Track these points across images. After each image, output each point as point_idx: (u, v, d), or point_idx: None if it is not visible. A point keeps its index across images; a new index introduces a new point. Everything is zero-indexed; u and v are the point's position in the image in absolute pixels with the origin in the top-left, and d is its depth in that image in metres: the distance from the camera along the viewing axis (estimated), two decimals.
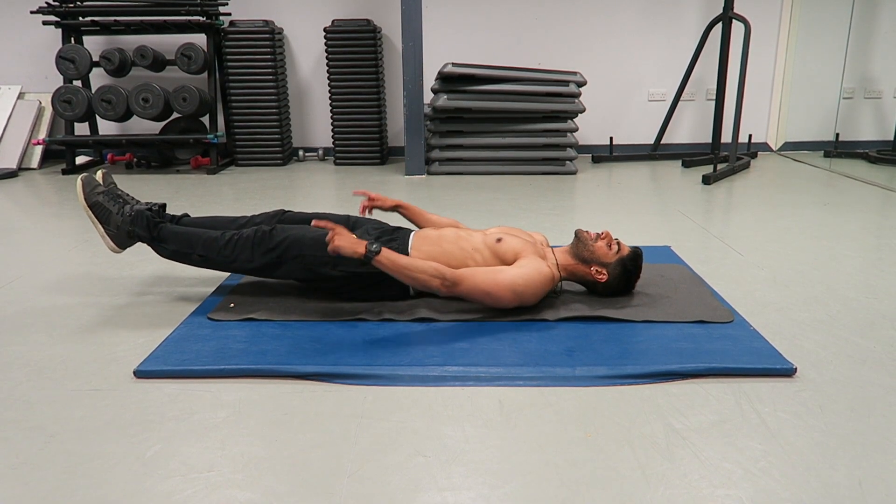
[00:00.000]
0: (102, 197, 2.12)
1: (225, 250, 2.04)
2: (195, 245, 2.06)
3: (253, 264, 2.03)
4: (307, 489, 1.24)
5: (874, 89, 5.29)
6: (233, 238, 2.04)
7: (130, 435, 1.42)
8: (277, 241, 2.01)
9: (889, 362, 1.73)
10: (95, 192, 2.11)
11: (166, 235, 2.08)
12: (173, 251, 2.08)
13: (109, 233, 2.11)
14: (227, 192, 4.06)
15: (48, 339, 1.92)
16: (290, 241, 2.01)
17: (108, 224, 2.10)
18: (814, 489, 1.23)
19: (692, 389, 1.60)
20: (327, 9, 5.10)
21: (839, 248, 2.74)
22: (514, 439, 1.40)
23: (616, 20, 5.13)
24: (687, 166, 4.83)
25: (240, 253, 2.02)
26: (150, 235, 2.08)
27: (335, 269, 2.01)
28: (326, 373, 1.66)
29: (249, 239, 2.03)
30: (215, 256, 2.05)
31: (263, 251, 2.01)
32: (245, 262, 2.03)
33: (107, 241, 2.11)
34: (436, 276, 1.87)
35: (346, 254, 1.80)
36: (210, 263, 2.08)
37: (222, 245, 2.04)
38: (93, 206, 2.10)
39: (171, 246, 2.08)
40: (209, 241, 2.05)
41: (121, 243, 2.13)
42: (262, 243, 2.01)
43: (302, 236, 2.01)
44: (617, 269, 2.06)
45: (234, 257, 2.03)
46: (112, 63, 4.70)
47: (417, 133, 4.52)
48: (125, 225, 2.09)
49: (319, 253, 1.99)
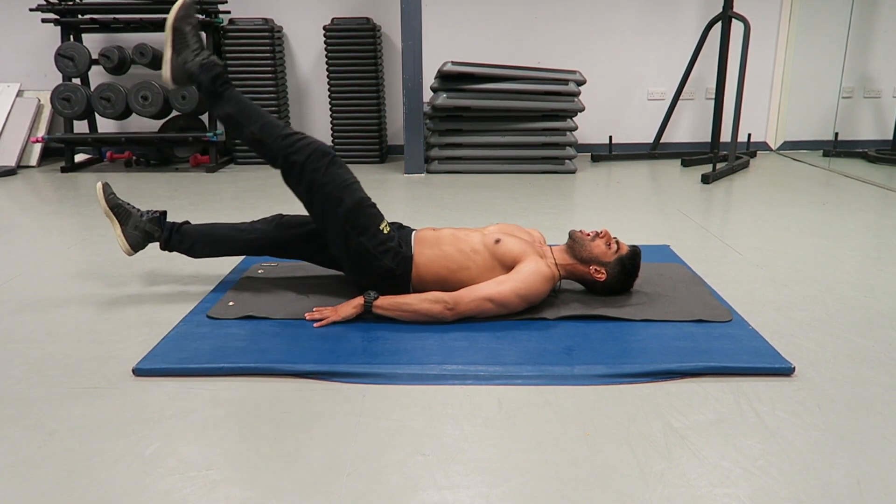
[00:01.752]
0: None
1: (283, 142, 1.98)
2: (254, 120, 2.01)
3: (298, 172, 1.98)
4: (306, 487, 1.25)
5: (873, 88, 5.29)
6: (294, 135, 2.00)
7: (129, 433, 1.42)
8: (332, 169, 1.98)
9: (887, 361, 1.74)
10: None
11: (228, 96, 2.03)
12: (228, 115, 2.02)
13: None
14: (226, 191, 4.05)
15: (47, 336, 1.92)
16: (340, 181, 1.98)
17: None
18: (812, 488, 1.23)
19: (691, 388, 1.60)
20: (327, 7, 5.10)
21: (838, 248, 2.74)
22: (513, 438, 1.40)
23: (615, 19, 5.13)
24: (686, 165, 4.83)
25: (292, 153, 1.98)
26: (213, 88, 2.02)
27: (357, 237, 1.97)
28: (325, 371, 1.66)
29: (309, 148, 1.98)
30: (271, 142, 1.99)
31: (314, 168, 1.97)
32: (292, 165, 1.98)
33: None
34: (437, 302, 1.90)
35: (351, 315, 1.93)
36: (261, 146, 2.01)
37: (282, 135, 1.99)
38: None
39: (228, 108, 2.02)
40: (270, 125, 2.01)
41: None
42: (318, 160, 1.98)
43: (353, 188, 2.00)
44: (616, 268, 2.06)
45: (285, 152, 1.98)
46: (111, 61, 4.69)
47: (417, 132, 4.52)
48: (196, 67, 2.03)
49: (356, 212, 1.97)
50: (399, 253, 2.01)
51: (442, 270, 2.01)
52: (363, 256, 1.99)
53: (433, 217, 3.32)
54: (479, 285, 1.96)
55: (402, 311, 1.92)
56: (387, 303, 1.93)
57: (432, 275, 2.02)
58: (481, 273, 2.00)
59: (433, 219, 3.28)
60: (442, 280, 2.01)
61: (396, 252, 2.01)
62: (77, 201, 3.75)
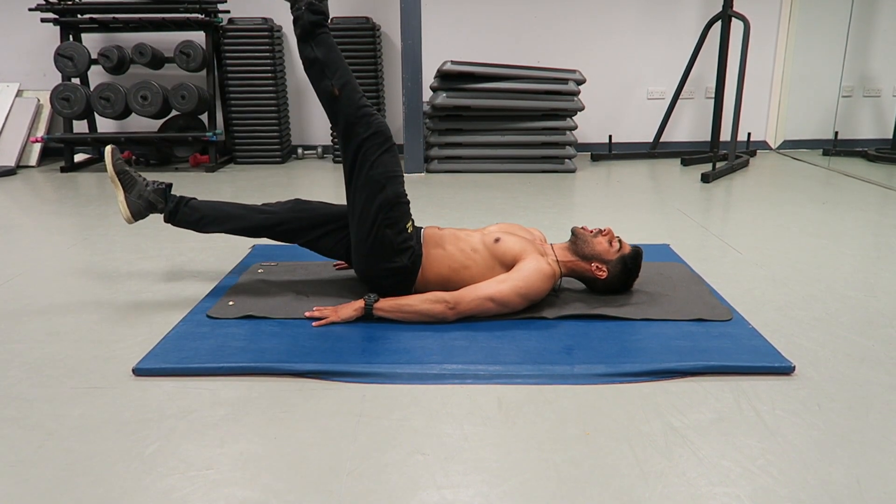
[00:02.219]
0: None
1: (357, 111, 1.99)
2: (339, 77, 1.98)
3: (358, 143, 1.99)
4: (306, 487, 1.25)
5: (873, 88, 5.29)
6: (367, 108, 2.01)
7: (129, 433, 1.42)
8: (385, 156, 2.01)
9: (887, 360, 1.74)
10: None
11: (323, 41, 2.00)
12: (315, 59, 1.99)
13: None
14: (225, 190, 4.05)
15: (47, 336, 1.92)
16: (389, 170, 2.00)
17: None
18: (812, 487, 1.23)
19: (691, 387, 1.60)
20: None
21: (838, 247, 2.74)
22: (513, 437, 1.40)
23: (615, 18, 5.13)
24: (686, 164, 4.83)
25: (360, 125, 1.98)
26: (311, 27, 1.98)
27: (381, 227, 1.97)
28: (325, 371, 1.66)
29: (377, 125, 2.00)
30: (345, 105, 1.99)
31: (373, 145, 1.99)
32: (357, 135, 1.99)
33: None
34: (438, 302, 1.91)
35: (351, 317, 1.93)
36: (335, 104, 2.00)
37: (357, 105, 1.99)
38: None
39: (318, 53, 1.99)
40: (351, 87, 2.00)
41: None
42: (381, 141, 2.00)
43: (399, 182, 2.03)
44: (617, 266, 2.06)
45: (354, 123, 1.98)
46: (111, 60, 4.69)
47: (416, 131, 4.52)
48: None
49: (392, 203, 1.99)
50: (414, 251, 2.02)
51: (444, 270, 2.02)
52: (383, 248, 1.99)
53: (433, 216, 3.32)
54: (479, 284, 1.96)
55: (403, 312, 1.92)
56: (387, 305, 1.93)
57: (435, 274, 2.02)
58: (482, 272, 2.00)
59: (433, 218, 3.28)
60: (444, 279, 2.02)
61: (413, 251, 2.02)
62: (77, 201, 3.75)
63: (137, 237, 2.95)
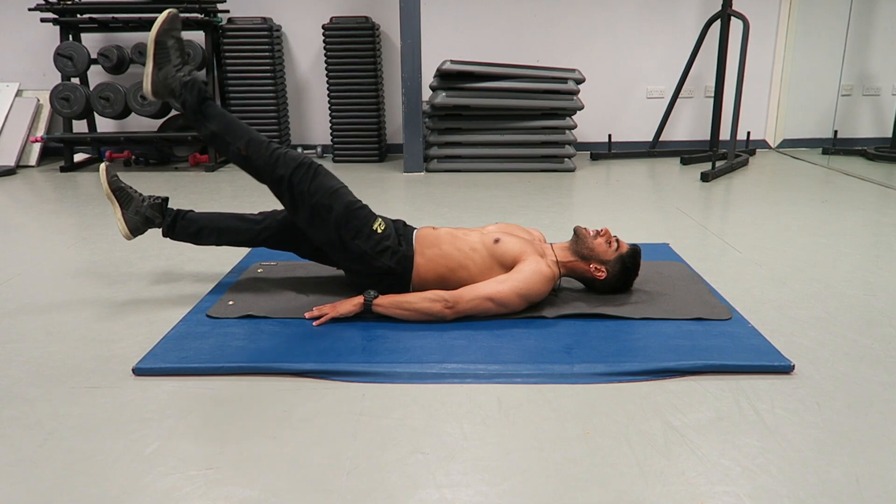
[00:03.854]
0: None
1: (270, 158, 1.99)
2: (239, 137, 2.00)
3: (287, 186, 1.99)
4: (306, 486, 1.25)
5: (872, 86, 5.29)
6: (279, 150, 2.01)
7: (129, 432, 1.42)
8: (317, 179, 1.99)
9: (886, 359, 1.74)
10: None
11: (213, 113, 2.01)
12: (213, 133, 2.01)
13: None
14: (225, 190, 4.05)
15: (47, 336, 1.92)
16: (327, 188, 1.99)
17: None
18: (811, 485, 1.24)
19: (690, 387, 1.60)
20: (326, 6, 5.09)
21: (837, 246, 2.74)
22: (513, 436, 1.40)
23: (615, 17, 5.13)
24: (685, 163, 4.83)
25: (278, 168, 1.98)
26: (197, 107, 2.00)
27: (351, 240, 1.98)
28: (325, 370, 1.66)
29: (294, 162, 1.99)
30: (256, 158, 1.99)
31: (300, 179, 1.98)
32: (280, 180, 1.99)
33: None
34: (437, 300, 1.91)
35: (350, 312, 1.94)
36: (246, 161, 2.01)
37: (268, 153, 1.99)
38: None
39: (213, 126, 2.01)
40: (256, 141, 2.01)
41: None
42: (304, 173, 1.99)
43: (341, 193, 2.01)
44: (616, 266, 2.06)
45: (272, 168, 1.98)
46: (110, 60, 4.69)
47: (416, 130, 4.52)
48: (177, 85, 2.01)
49: (347, 216, 1.98)
50: (398, 251, 2.01)
51: (441, 269, 2.01)
52: (362, 258, 2.00)
53: (433, 216, 3.32)
54: (479, 284, 1.96)
55: (402, 309, 1.92)
56: (387, 301, 1.94)
57: (432, 274, 2.02)
58: (480, 272, 2.00)
59: (433, 218, 3.28)
60: (442, 279, 2.01)
61: (395, 251, 2.01)
62: (76, 201, 3.75)
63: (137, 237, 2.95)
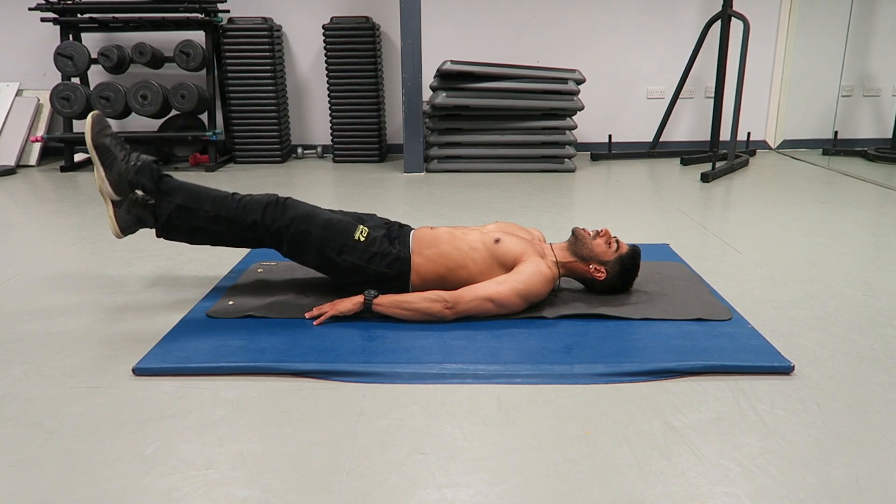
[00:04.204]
0: (110, 140, 2.05)
1: (238, 208, 2.01)
2: (203, 200, 2.01)
3: (263, 229, 2.00)
4: (306, 486, 1.25)
5: (873, 87, 5.29)
6: (244, 199, 2.03)
7: (129, 432, 1.42)
8: (289, 211, 2.01)
9: (886, 360, 1.74)
10: (104, 132, 2.05)
11: (173, 188, 2.03)
12: (179, 206, 2.01)
13: (110, 178, 2.04)
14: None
15: (46, 336, 1.92)
16: (300, 214, 2.00)
17: (111, 169, 2.04)
18: (811, 486, 1.24)
19: (690, 387, 1.60)
20: (326, 6, 5.09)
21: (837, 246, 2.74)
22: (513, 437, 1.40)
23: (615, 18, 5.13)
24: (686, 164, 4.83)
25: (249, 214, 2.00)
26: (155, 188, 2.02)
27: (339, 257, 2.00)
28: (325, 370, 1.66)
29: (262, 203, 2.01)
30: (226, 214, 2.01)
31: (273, 217, 2.00)
32: (254, 225, 2.00)
33: (105, 185, 2.04)
34: (436, 301, 1.91)
35: (349, 310, 1.94)
36: (219, 221, 2.02)
37: (234, 204, 2.01)
38: (98, 146, 2.03)
39: (177, 199, 2.01)
40: (220, 198, 2.02)
41: (119, 190, 2.05)
42: (273, 209, 2.00)
43: (315, 214, 2.02)
44: (616, 267, 2.06)
45: (243, 217, 2.00)
46: (110, 60, 4.69)
47: (416, 131, 4.52)
48: (127, 174, 2.02)
49: (327, 235, 1.99)
50: (389, 254, 2.01)
51: (440, 269, 2.01)
52: (354, 271, 2.01)
53: (433, 216, 3.32)
54: (479, 285, 1.96)
55: (401, 309, 1.92)
56: (387, 301, 1.94)
57: (432, 273, 2.02)
58: (480, 271, 2.00)
59: (433, 218, 3.28)
60: (441, 278, 2.01)
61: (385, 254, 2.01)
62: (76, 201, 3.75)
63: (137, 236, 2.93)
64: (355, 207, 3.42)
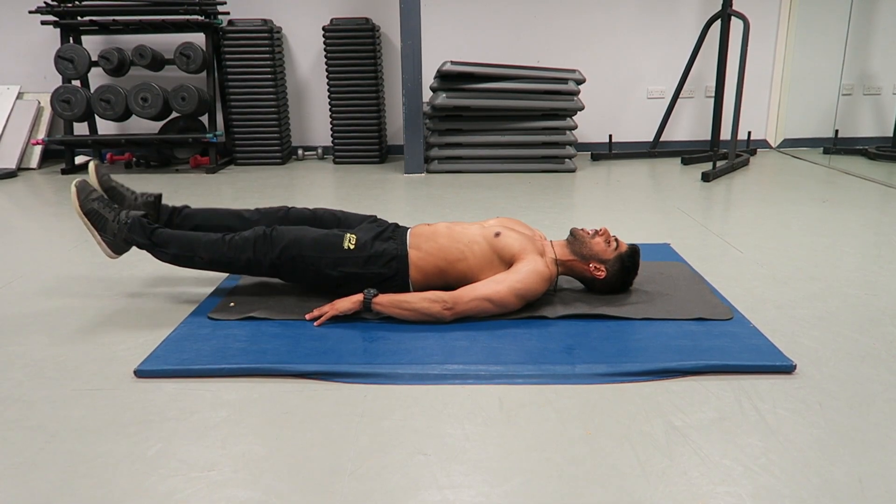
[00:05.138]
0: (98, 203, 2.08)
1: (230, 249, 2.04)
2: (197, 248, 2.05)
3: (257, 264, 2.04)
4: (308, 488, 1.25)
5: (873, 86, 5.28)
6: (234, 239, 2.05)
7: (131, 434, 1.42)
8: (277, 241, 2.02)
9: (888, 359, 1.74)
10: (90, 198, 2.07)
11: (166, 240, 2.07)
12: (174, 255, 2.06)
13: (106, 240, 2.08)
14: (226, 191, 4.06)
15: (48, 338, 1.92)
16: (288, 242, 2.02)
17: (105, 231, 2.08)
18: (814, 486, 1.23)
19: (692, 387, 1.60)
20: (326, 7, 5.10)
21: (838, 245, 2.74)
22: (514, 437, 1.40)
23: (615, 17, 5.13)
24: (686, 164, 4.83)
25: (241, 253, 2.03)
26: (149, 242, 2.06)
27: (335, 270, 2.01)
28: (326, 371, 1.66)
29: (250, 240, 2.03)
30: (219, 258, 2.04)
31: (264, 252, 2.02)
32: (248, 262, 2.04)
33: (104, 247, 2.09)
34: (435, 301, 1.91)
35: (349, 310, 1.95)
36: (215, 265, 2.07)
37: (226, 245, 2.04)
38: (88, 213, 2.06)
39: (171, 250, 2.06)
40: (211, 243, 2.05)
41: (117, 249, 2.10)
42: (262, 244, 2.02)
43: (301, 237, 2.03)
44: (615, 265, 2.06)
45: (236, 257, 2.03)
46: (111, 62, 4.69)
47: (416, 131, 4.52)
48: (121, 233, 2.07)
49: (318, 253, 2.01)
50: (385, 254, 2.02)
51: (440, 262, 2.01)
52: (353, 279, 2.02)
53: (434, 217, 3.32)
54: (477, 285, 1.96)
55: (400, 308, 1.92)
56: (386, 300, 1.94)
57: (431, 267, 2.02)
58: (479, 264, 2.00)
59: (433, 218, 3.28)
60: (441, 272, 2.02)
61: (380, 255, 2.01)
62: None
63: None
64: (356, 209, 3.42)
